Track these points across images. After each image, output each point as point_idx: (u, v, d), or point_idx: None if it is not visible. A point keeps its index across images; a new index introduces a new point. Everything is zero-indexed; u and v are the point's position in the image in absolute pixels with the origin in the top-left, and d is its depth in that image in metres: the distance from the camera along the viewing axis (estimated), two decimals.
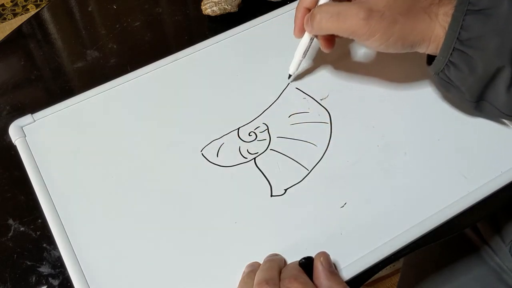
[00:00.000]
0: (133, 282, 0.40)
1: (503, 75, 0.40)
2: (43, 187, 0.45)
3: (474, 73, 0.40)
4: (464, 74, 0.41)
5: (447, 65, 0.41)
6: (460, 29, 0.39)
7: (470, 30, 0.39)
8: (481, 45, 0.39)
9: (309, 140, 0.47)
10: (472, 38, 0.39)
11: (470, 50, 0.39)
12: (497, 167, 0.44)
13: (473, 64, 0.40)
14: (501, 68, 0.39)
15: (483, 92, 0.42)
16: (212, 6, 0.55)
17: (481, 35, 0.39)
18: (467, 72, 0.40)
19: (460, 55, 0.40)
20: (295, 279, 0.35)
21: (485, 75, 0.40)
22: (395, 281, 1.11)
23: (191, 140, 0.48)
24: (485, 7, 0.38)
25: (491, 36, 0.38)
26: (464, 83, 0.42)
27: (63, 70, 0.57)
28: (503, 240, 0.58)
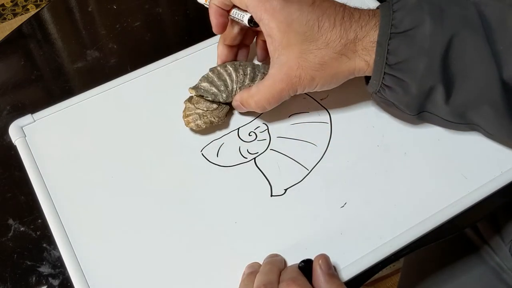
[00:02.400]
0: (133, 282, 0.40)
1: (438, 91, 0.40)
2: (43, 187, 0.45)
3: (409, 93, 0.41)
4: (399, 94, 0.41)
5: (382, 88, 0.42)
6: (387, 54, 0.39)
7: (397, 54, 0.39)
8: (410, 68, 0.39)
9: (309, 140, 0.47)
10: (400, 61, 0.39)
11: (400, 73, 0.40)
12: (497, 167, 0.44)
13: (406, 85, 0.40)
14: (434, 86, 0.40)
15: (422, 106, 0.42)
16: (196, 120, 0.46)
17: (408, 57, 0.39)
18: (401, 93, 0.41)
19: (391, 79, 0.40)
20: (294, 281, 0.35)
21: (419, 94, 0.40)
22: (395, 281, 1.12)
23: (191, 140, 0.48)
24: (407, 28, 0.38)
25: (418, 57, 0.38)
26: (401, 102, 0.42)
27: (63, 70, 0.57)
28: (503, 239, 0.58)
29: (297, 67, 0.41)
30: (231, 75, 0.47)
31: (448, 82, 0.39)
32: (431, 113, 0.43)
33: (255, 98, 0.44)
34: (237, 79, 0.47)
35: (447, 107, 0.41)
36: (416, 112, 0.43)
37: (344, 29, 0.40)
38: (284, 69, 0.42)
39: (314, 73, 0.41)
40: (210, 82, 0.48)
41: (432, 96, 0.41)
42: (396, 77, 0.40)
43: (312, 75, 0.41)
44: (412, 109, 0.43)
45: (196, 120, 0.47)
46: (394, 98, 0.42)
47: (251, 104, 0.45)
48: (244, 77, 0.47)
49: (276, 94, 0.43)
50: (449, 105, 0.41)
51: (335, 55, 0.41)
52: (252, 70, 0.47)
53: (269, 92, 0.43)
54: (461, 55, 0.38)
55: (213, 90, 0.47)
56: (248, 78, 0.47)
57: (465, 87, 0.40)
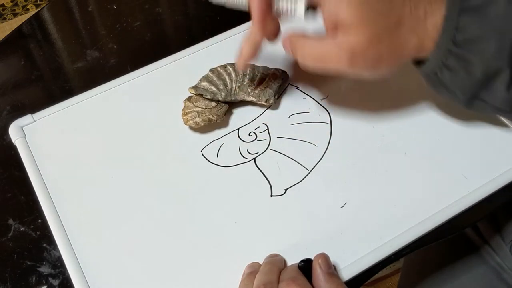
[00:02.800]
0: (133, 282, 0.40)
1: (502, 77, 0.37)
2: (43, 187, 0.45)
3: (472, 76, 0.38)
4: (460, 77, 0.38)
5: (441, 68, 0.39)
6: (455, 30, 0.36)
7: (466, 31, 0.36)
8: (479, 47, 0.36)
9: (309, 140, 0.47)
10: (469, 39, 0.36)
11: (466, 53, 0.37)
12: (497, 167, 0.44)
13: (471, 67, 0.37)
14: (500, 70, 0.37)
15: (478, 92, 0.39)
16: (195, 117, 0.47)
17: (478, 36, 0.36)
18: (463, 75, 0.38)
19: (456, 59, 0.37)
20: (293, 281, 0.35)
21: (483, 78, 0.38)
22: (395, 281, 1.11)
23: (191, 140, 0.48)
24: (479, 4, 0.36)
25: (490, 37, 0.36)
26: (459, 86, 0.39)
27: (63, 70, 0.57)
28: (503, 239, 0.58)
29: (367, 43, 0.37)
30: (230, 75, 0.47)
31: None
32: (484, 101, 0.40)
33: (307, 42, 0.40)
34: (236, 79, 0.47)
35: (507, 94, 0.38)
36: (469, 99, 0.40)
37: (414, 4, 0.37)
38: (352, 42, 0.37)
39: (383, 52, 0.38)
40: (209, 81, 0.48)
41: (494, 81, 0.38)
42: (461, 57, 0.37)
43: (381, 53, 0.38)
44: (468, 95, 0.39)
45: (194, 117, 0.47)
46: (453, 81, 0.39)
47: (298, 44, 0.40)
48: (243, 77, 0.47)
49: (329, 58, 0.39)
50: (510, 92, 0.38)
51: (407, 33, 0.37)
52: (251, 70, 0.47)
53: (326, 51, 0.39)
54: None
55: (212, 89, 0.47)
56: (248, 78, 0.47)
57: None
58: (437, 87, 0.41)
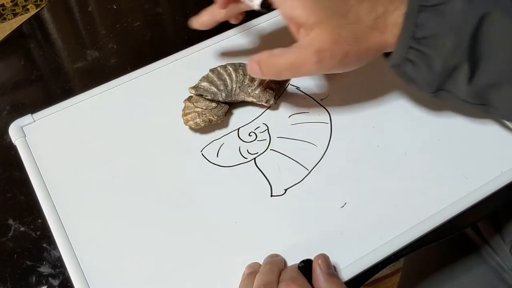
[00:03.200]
0: (133, 282, 0.40)
1: (462, 70, 0.39)
2: (43, 187, 0.45)
3: (432, 69, 0.39)
4: (422, 70, 0.40)
5: (404, 62, 0.40)
6: (415, 27, 0.38)
7: (425, 28, 0.38)
8: (438, 43, 0.38)
9: (309, 140, 0.47)
10: (427, 36, 0.38)
11: (426, 48, 0.38)
12: (497, 167, 0.44)
13: (430, 62, 0.39)
14: (459, 64, 0.38)
15: (441, 84, 0.41)
16: (195, 118, 0.46)
17: (437, 32, 0.38)
18: (424, 69, 0.39)
19: (416, 53, 0.39)
20: (293, 281, 0.35)
21: (443, 71, 0.39)
22: (395, 281, 1.12)
23: (191, 140, 0.48)
24: (438, 3, 0.37)
25: (447, 33, 0.37)
26: (422, 78, 0.41)
27: (63, 70, 0.57)
28: (503, 239, 0.58)
29: (331, 41, 0.39)
30: (231, 75, 0.47)
31: (473, 61, 0.38)
32: (449, 92, 0.41)
33: (275, 59, 0.41)
34: (236, 79, 0.47)
35: (468, 87, 0.40)
36: (434, 90, 0.41)
37: (372, 2, 0.39)
38: (315, 42, 0.39)
39: (348, 48, 0.39)
40: (210, 81, 0.48)
41: (455, 74, 0.39)
42: (421, 52, 0.39)
43: (346, 50, 0.39)
44: (432, 86, 0.41)
45: (194, 118, 0.47)
46: (415, 73, 0.40)
47: (268, 65, 0.42)
48: (244, 77, 0.47)
49: (298, 64, 0.40)
50: (471, 85, 0.39)
51: (368, 29, 0.39)
52: None
53: (292, 58, 0.40)
54: (490, 35, 0.37)
55: (212, 89, 0.47)
56: (248, 78, 0.47)
57: (489, 68, 0.38)
58: (404, 78, 0.43)
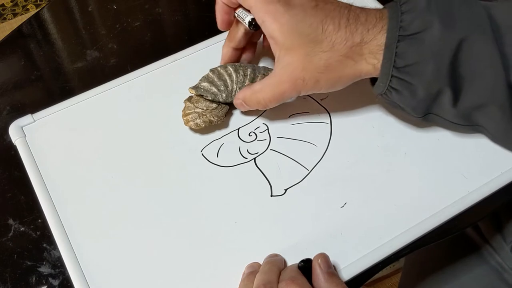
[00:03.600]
0: (133, 282, 0.40)
1: (446, 95, 0.40)
2: (43, 187, 0.45)
3: (416, 96, 0.40)
4: (406, 97, 0.41)
5: (389, 90, 0.41)
6: (395, 57, 0.39)
7: (405, 57, 0.38)
8: (418, 71, 0.39)
9: (309, 140, 0.47)
10: (408, 64, 0.39)
11: (407, 77, 0.39)
12: (497, 167, 0.44)
13: (413, 89, 0.40)
14: (442, 89, 0.39)
15: (428, 108, 0.42)
16: (195, 118, 0.46)
17: (417, 61, 0.38)
18: (408, 96, 0.40)
19: (399, 82, 0.40)
20: (293, 281, 0.35)
21: (427, 97, 0.40)
22: (395, 281, 1.12)
23: (191, 140, 0.48)
24: (416, 31, 0.38)
25: (427, 61, 0.38)
26: (408, 105, 0.42)
27: (63, 70, 0.57)
28: (504, 239, 0.58)
29: (301, 69, 0.41)
30: (231, 76, 0.47)
31: (455, 85, 0.39)
32: (437, 115, 0.42)
33: (258, 95, 0.44)
34: (237, 80, 0.47)
35: (454, 110, 0.41)
36: (422, 115, 0.43)
37: (349, 31, 0.40)
38: (288, 70, 0.41)
39: (319, 76, 0.41)
40: (210, 82, 0.48)
41: (439, 99, 0.40)
42: (403, 80, 0.40)
43: (317, 77, 0.41)
44: (419, 111, 0.42)
45: (195, 119, 0.47)
46: (401, 101, 0.41)
47: (253, 101, 0.45)
48: (244, 78, 0.47)
49: (279, 94, 0.43)
50: (456, 108, 0.40)
51: (341, 57, 0.40)
52: (252, 71, 0.47)
53: (272, 91, 0.43)
54: (470, 59, 0.38)
55: (213, 89, 0.47)
56: (248, 79, 0.47)
57: (472, 90, 0.39)
58: (392, 105, 0.43)
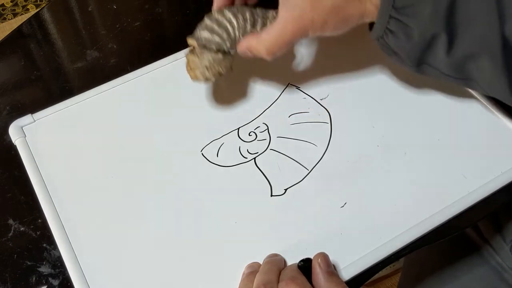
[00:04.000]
0: (133, 282, 0.40)
1: (440, 40, 0.39)
2: (43, 187, 0.45)
3: (411, 40, 0.40)
4: (402, 41, 0.41)
5: (385, 33, 0.41)
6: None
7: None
8: (416, 12, 0.39)
9: (309, 140, 0.47)
10: (406, 6, 0.39)
11: (405, 18, 0.39)
12: (497, 167, 0.44)
13: (409, 31, 0.40)
14: (437, 35, 0.39)
15: (422, 56, 0.42)
16: (205, 72, 0.44)
17: (415, 2, 0.38)
18: (404, 39, 0.40)
19: (396, 23, 0.40)
20: (293, 280, 0.35)
21: (422, 41, 0.40)
22: (395, 281, 1.12)
23: (191, 140, 0.48)
24: None
25: (425, 3, 0.38)
26: (403, 50, 0.42)
27: (63, 70, 0.57)
28: (504, 239, 0.58)
29: (310, 9, 0.40)
30: (231, 22, 0.44)
31: (451, 31, 0.39)
32: (430, 65, 0.42)
33: (266, 44, 0.43)
34: (238, 26, 0.44)
35: (448, 58, 0.41)
36: (416, 64, 0.42)
37: None
38: (296, 11, 0.41)
39: (327, 16, 0.41)
40: (210, 30, 0.44)
41: (434, 45, 0.40)
42: (401, 22, 0.40)
43: (325, 18, 0.41)
44: (413, 59, 0.42)
45: (204, 73, 0.45)
46: (397, 45, 0.41)
47: (260, 50, 0.44)
48: (245, 22, 0.44)
49: (287, 38, 0.42)
50: (450, 56, 0.40)
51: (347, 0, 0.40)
52: (250, 15, 0.45)
53: (280, 36, 0.42)
54: (467, 5, 0.38)
55: (216, 39, 0.44)
56: (249, 24, 0.45)
57: (467, 38, 0.39)
58: (387, 52, 0.43)
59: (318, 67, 0.53)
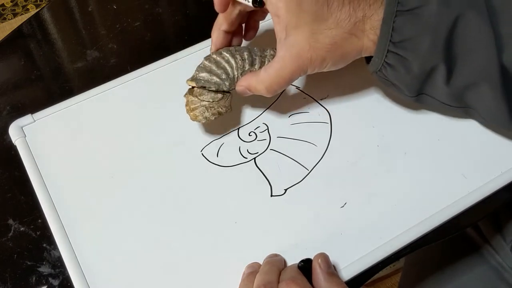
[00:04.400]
0: (133, 282, 0.40)
1: (439, 72, 0.40)
2: (43, 187, 0.45)
3: (411, 72, 0.40)
4: (401, 73, 0.41)
5: (384, 66, 0.41)
6: (392, 31, 0.39)
7: (402, 32, 0.39)
8: (414, 46, 0.39)
9: (309, 140, 0.47)
10: (405, 39, 0.39)
11: (403, 52, 0.39)
12: (497, 167, 0.44)
13: (408, 64, 0.40)
14: (436, 66, 0.39)
15: (421, 87, 0.42)
16: (204, 112, 0.45)
17: (413, 35, 0.38)
18: (403, 72, 0.40)
19: (394, 57, 0.40)
20: (293, 281, 0.35)
21: (421, 73, 0.40)
22: (395, 281, 1.12)
23: (191, 140, 0.48)
24: (414, 6, 0.38)
25: (423, 36, 0.38)
26: (401, 82, 0.42)
27: (63, 70, 0.57)
28: (504, 239, 0.58)
29: (308, 48, 0.40)
30: (229, 62, 0.45)
31: (450, 62, 0.39)
32: (429, 95, 0.43)
33: (265, 83, 0.43)
34: (236, 66, 0.45)
35: (447, 88, 0.41)
36: (415, 94, 0.43)
37: (353, 7, 0.40)
38: (294, 51, 0.41)
39: (325, 54, 0.41)
40: (208, 71, 0.45)
41: (433, 76, 0.40)
42: (399, 55, 0.40)
43: (323, 55, 0.41)
44: (412, 90, 0.42)
45: (203, 112, 0.45)
46: (395, 77, 0.42)
47: (260, 89, 0.44)
48: (243, 62, 0.45)
49: (287, 77, 0.42)
50: (449, 86, 0.41)
51: (346, 35, 0.40)
52: (248, 54, 0.46)
53: (279, 75, 0.42)
54: (465, 36, 0.38)
55: (214, 79, 0.45)
56: (248, 63, 0.45)
57: (466, 68, 0.39)
58: (385, 83, 0.44)
59: None
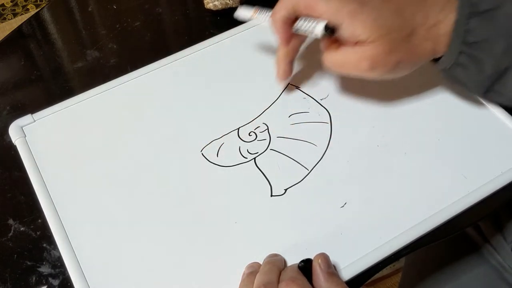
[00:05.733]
0: (133, 282, 0.40)
1: None
2: (43, 187, 0.45)
3: (483, 72, 0.41)
4: (472, 73, 0.41)
5: (454, 65, 0.42)
6: (465, 33, 0.39)
7: (476, 33, 0.39)
8: (489, 47, 0.39)
9: (309, 140, 0.47)
10: (478, 41, 0.39)
11: (477, 52, 0.40)
12: (497, 167, 0.44)
13: (482, 65, 0.40)
14: (509, 66, 0.40)
15: (491, 86, 0.42)
16: (214, 1, 0.55)
17: (487, 37, 0.39)
18: (475, 71, 0.41)
19: (467, 57, 0.41)
20: (293, 281, 0.35)
21: (494, 74, 0.41)
22: (395, 281, 1.12)
23: (191, 140, 0.48)
24: (488, 8, 0.39)
25: (498, 38, 0.39)
26: (472, 81, 0.42)
27: (63, 70, 0.57)
28: (505, 238, 0.58)
29: (387, 52, 0.41)
30: None
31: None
32: (497, 92, 0.43)
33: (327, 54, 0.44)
34: None
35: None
36: (484, 91, 0.43)
37: (424, 14, 0.41)
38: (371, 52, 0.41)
39: (401, 58, 0.41)
40: None
41: (504, 76, 0.41)
42: (472, 56, 0.40)
43: (399, 59, 0.41)
44: (481, 88, 0.43)
45: (214, 1, 0.53)
46: (466, 76, 0.42)
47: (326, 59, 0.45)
48: None
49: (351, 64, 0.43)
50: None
51: (421, 40, 0.41)
52: None
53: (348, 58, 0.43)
54: None
55: None
56: None
57: None
58: (453, 81, 0.44)
59: (318, 67, 0.52)
